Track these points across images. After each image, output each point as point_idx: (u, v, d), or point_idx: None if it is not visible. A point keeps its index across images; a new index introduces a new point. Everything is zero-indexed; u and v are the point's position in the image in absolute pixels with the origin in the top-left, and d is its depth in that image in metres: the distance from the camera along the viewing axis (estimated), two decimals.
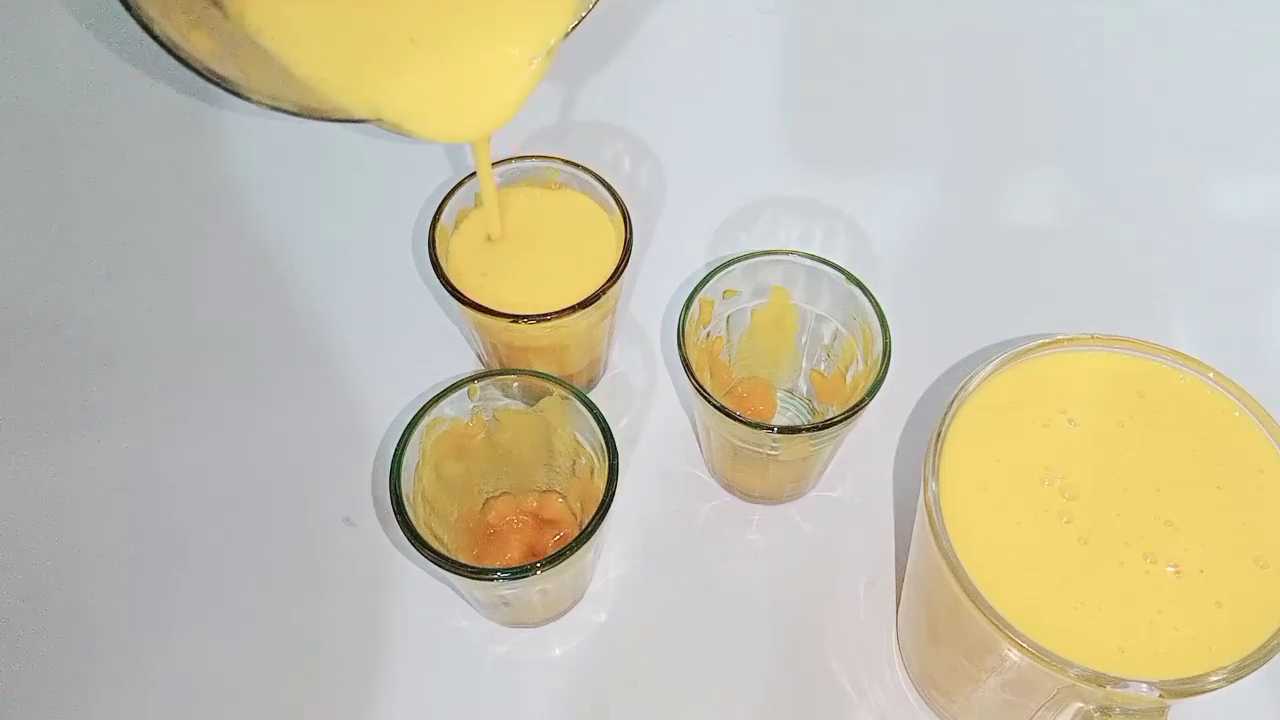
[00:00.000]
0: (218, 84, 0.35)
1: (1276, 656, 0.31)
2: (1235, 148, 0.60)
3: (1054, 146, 0.60)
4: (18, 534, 0.46)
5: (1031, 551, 0.33)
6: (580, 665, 0.43)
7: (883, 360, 0.41)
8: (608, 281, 0.44)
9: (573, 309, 0.43)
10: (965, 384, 0.36)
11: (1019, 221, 0.57)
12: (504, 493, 0.45)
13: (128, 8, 0.32)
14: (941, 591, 0.33)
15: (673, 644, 0.44)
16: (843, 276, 0.43)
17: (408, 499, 0.39)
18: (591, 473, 0.42)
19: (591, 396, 0.41)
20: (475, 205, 0.47)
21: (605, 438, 0.40)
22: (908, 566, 0.40)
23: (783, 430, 0.40)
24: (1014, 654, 0.31)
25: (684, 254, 0.54)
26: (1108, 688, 0.30)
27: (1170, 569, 0.32)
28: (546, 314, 0.43)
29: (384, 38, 0.39)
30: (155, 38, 0.33)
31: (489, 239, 0.46)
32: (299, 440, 0.49)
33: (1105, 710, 0.31)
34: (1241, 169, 0.59)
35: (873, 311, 0.42)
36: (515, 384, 0.42)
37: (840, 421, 0.40)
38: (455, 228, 0.47)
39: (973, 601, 0.32)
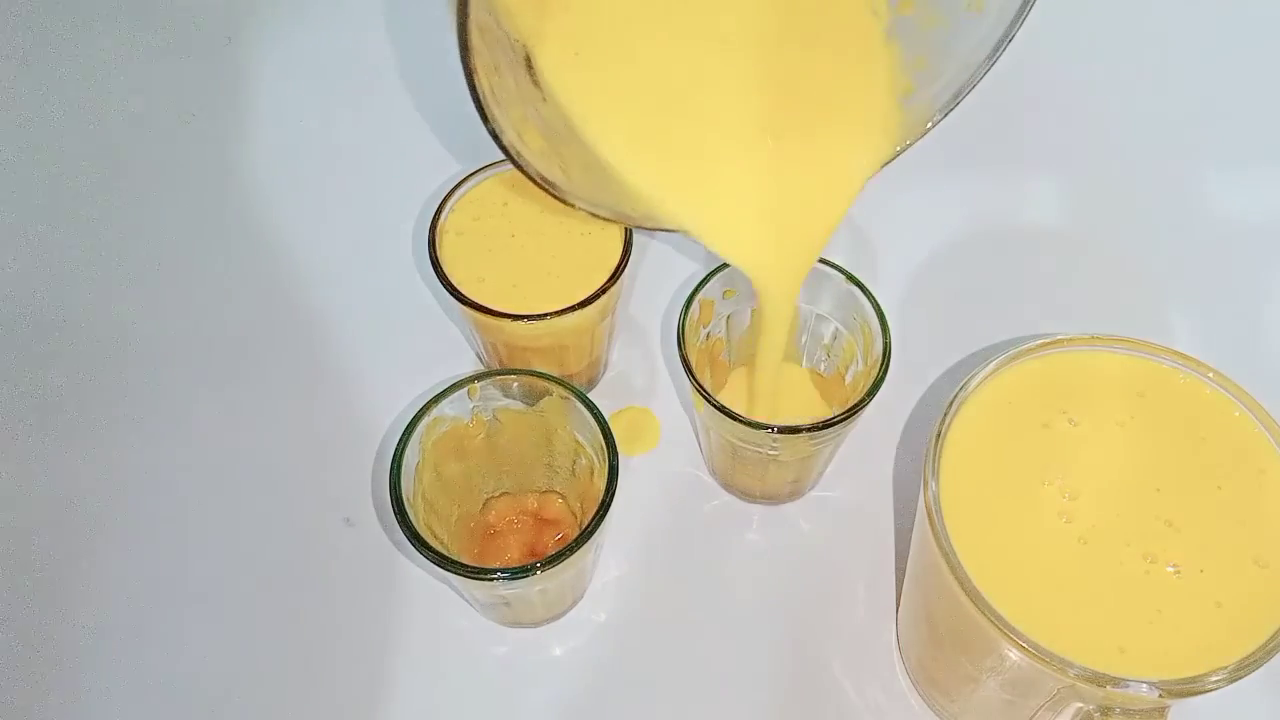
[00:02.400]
0: (547, 190, 0.36)
1: (1276, 656, 0.31)
2: (1236, 148, 0.60)
3: (1054, 146, 0.60)
4: (18, 534, 0.46)
5: (1031, 551, 0.33)
6: (580, 665, 0.43)
7: (883, 360, 0.41)
8: (608, 281, 0.44)
9: (573, 309, 0.43)
10: (965, 384, 0.36)
11: (1019, 221, 0.57)
12: (504, 493, 0.45)
13: (483, 116, 0.33)
14: (941, 591, 0.33)
15: (673, 644, 0.44)
16: (843, 276, 0.43)
17: (408, 499, 0.39)
18: (591, 473, 0.42)
19: (591, 396, 0.41)
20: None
21: (605, 438, 0.40)
22: (908, 566, 0.40)
23: (783, 430, 0.40)
24: (1014, 654, 0.31)
25: (684, 254, 0.54)
26: (1108, 688, 0.30)
27: (1170, 569, 0.32)
28: (546, 314, 0.43)
29: (702, 136, 0.38)
30: (502, 147, 0.34)
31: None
32: (299, 440, 0.49)
33: (1105, 710, 0.31)
34: (1242, 169, 0.59)
35: (873, 311, 0.42)
36: (515, 384, 0.42)
37: (840, 421, 0.40)
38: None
39: (973, 601, 0.32)
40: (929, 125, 0.39)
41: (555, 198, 0.37)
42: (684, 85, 0.37)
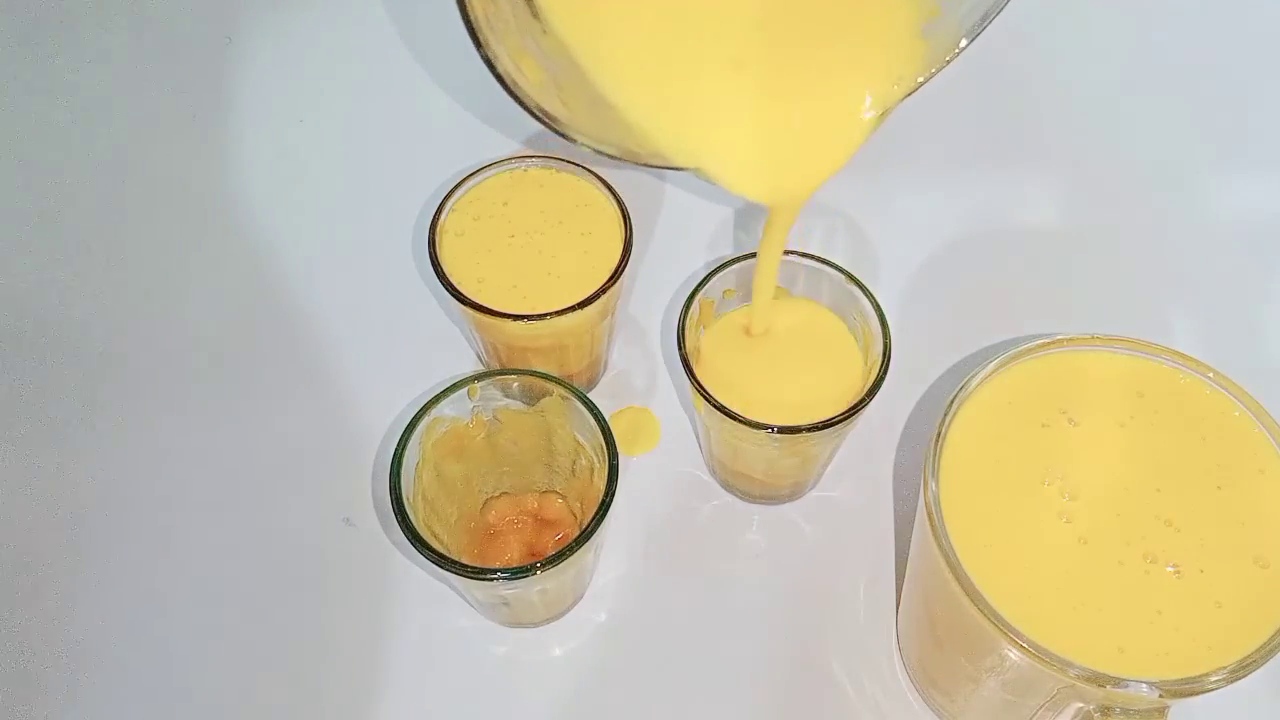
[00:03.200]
0: (548, 124, 0.34)
1: (1276, 656, 0.31)
2: (1235, 148, 0.60)
3: (1054, 146, 0.60)
4: (17, 534, 0.46)
5: (1031, 551, 0.33)
6: (580, 665, 0.43)
7: (883, 360, 0.41)
8: (608, 281, 0.44)
9: (573, 309, 0.43)
10: (965, 384, 0.36)
11: (1019, 221, 0.57)
12: (504, 493, 0.45)
13: (476, 43, 0.32)
14: (941, 591, 0.33)
15: (673, 644, 0.44)
16: (843, 276, 0.43)
17: (408, 499, 0.39)
18: (591, 473, 0.42)
19: (591, 396, 0.41)
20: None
21: (605, 438, 0.40)
22: (908, 566, 0.40)
23: (783, 430, 0.40)
24: (1014, 654, 0.31)
25: (684, 254, 0.54)
26: (1108, 688, 0.30)
27: (1170, 569, 0.32)
28: (546, 314, 0.43)
29: (702, 54, 0.36)
30: (496, 76, 0.32)
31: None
32: (299, 440, 0.49)
33: (1105, 710, 0.31)
34: (1241, 169, 0.59)
35: (873, 311, 0.42)
36: (515, 384, 0.42)
37: (840, 421, 0.40)
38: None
39: (973, 601, 0.32)
40: (955, 51, 0.37)
41: (557, 133, 0.35)
42: (690, 13, 0.36)
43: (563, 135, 0.35)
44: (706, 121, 0.37)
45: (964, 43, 0.37)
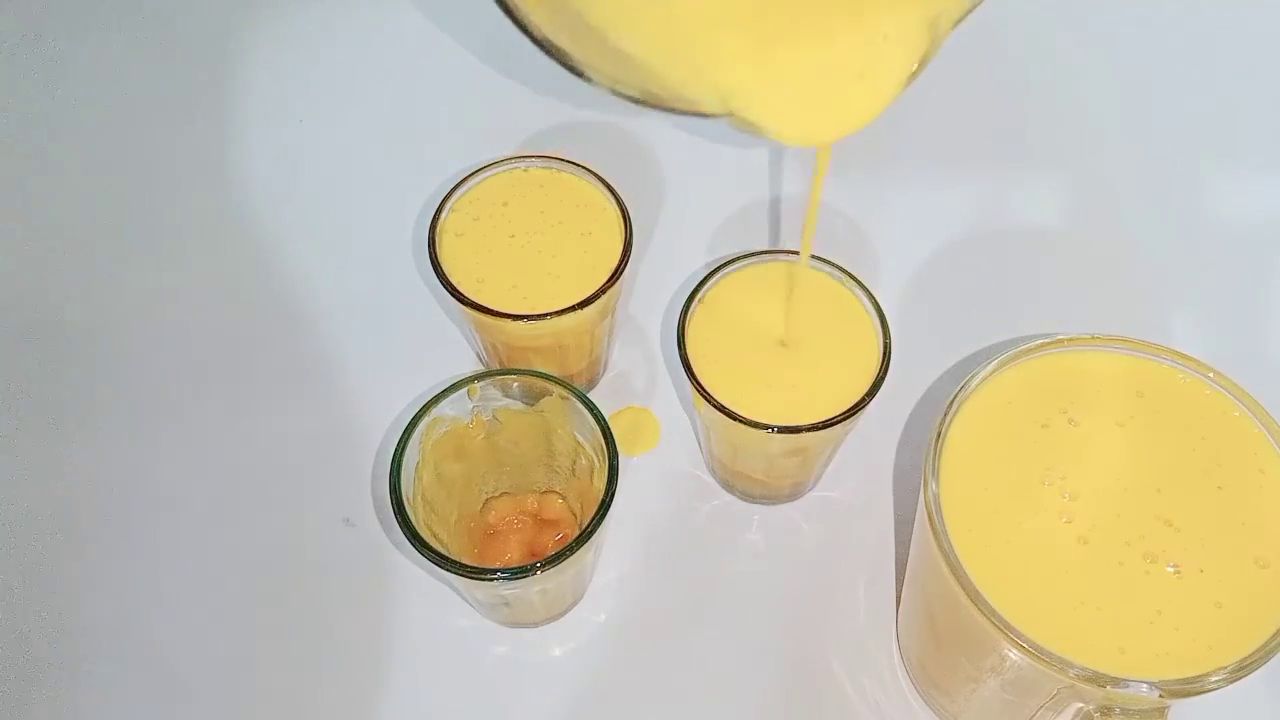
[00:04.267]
0: (559, 59, 0.31)
1: (1276, 656, 0.31)
2: (1235, 148, 0.60)
3: (1054, 146, 0.60)
4: (18, 534, 0.46)
5: (1031, 551, 0.33)
6: (580, 665, 0.43)
7: (883, 360, 0.41)
8: (608, 281, 0.44)
9: (573, 309, 0.43)
10: (965, 384, 0.36)
11: (1019, 221, 0.57)
12: (504, 493, 0.45)
13: None
14: (941, 591, 0.33)
15: (673, 644, 0.44)
16: (843, 276, 0.43)
17: (408, 499, 0.39)
18: (591, 473, 0.42)
19: (591, 396, 0.41)
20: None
21: (605, 438, 0.40)
22: (908, 566, 0.40)
23: (782, 430, 0.40)
24: (1014, 654, 0.31)
25: (684, 254, 0.54)
26: (1108, 688, 0.30)
27: (1170, 569, 0.32)
28: (546, 314, 0.43)
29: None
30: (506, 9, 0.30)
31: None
32: (299, 440, 0.49)
33: (1105, 710, 0.31)
34: (1242, 169, 0.59)
35: (873, 311, 0.42)
36: (515, 384, 0.42)
37: (840, 421, 0.40)
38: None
39: (973, 601, 0.32)
40: None
41: (570, 69, 0.32)
42: None
43: (576, 72, 0.32)
44: (738, 55, 0.33)
45: None
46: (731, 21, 0.33)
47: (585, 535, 0.38)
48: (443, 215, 0.46)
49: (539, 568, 0.37)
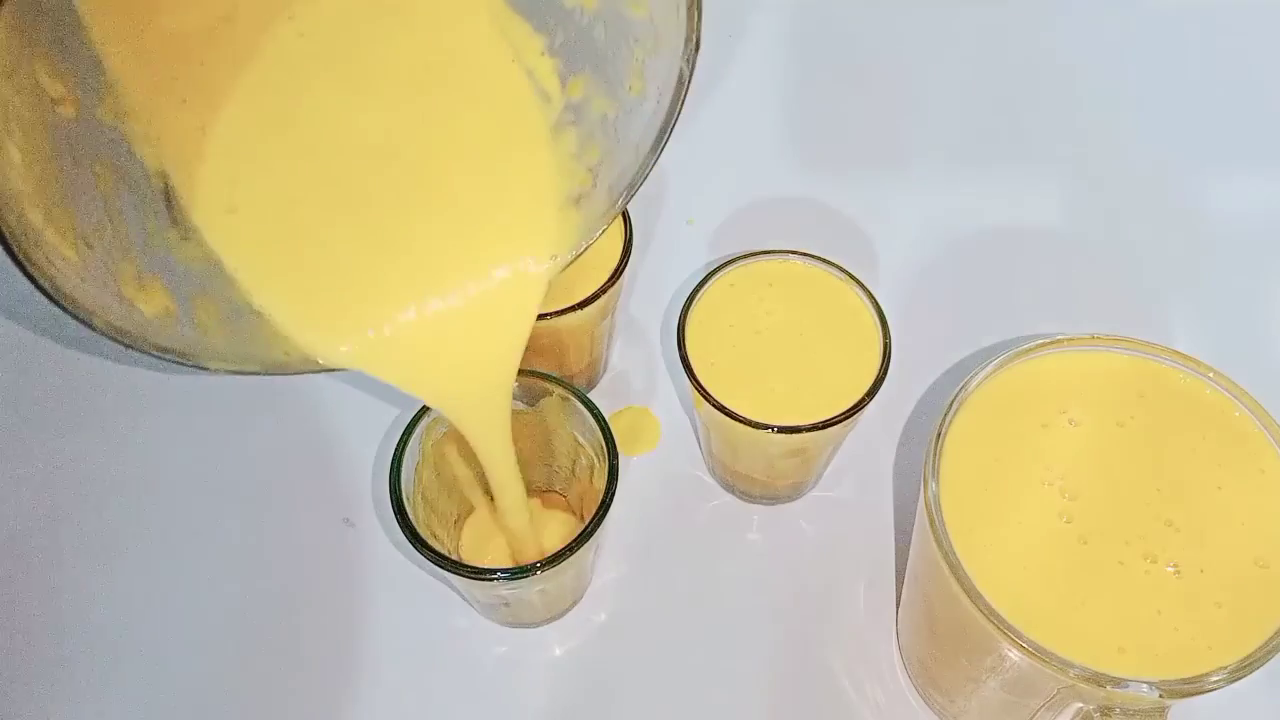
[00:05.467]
0: (175, 360, 0.31)
1: (1276, 656, 0.31)
2: (1235, 148, 0.60)
3: (1054, 147, 0.60)
4: (18, 534, 0.46)
5: (1031, 551, 0.33)
6: (580, 665, 0.43)
7: (883, 360, 0.41)
8: (608, 281, 0.44)
9: (573, 309, 0.43)
10: (965, 384, 0.36)
11: (1019, 221, 0.57)
12: None
13: (60, 306, 0.28)
14: (941, 591, 0.33)
15: (673, 644, 0.44)
16: (843, 276, 0.43)
17: (408, 499, 0.39)
18: (591, 473, 0.42)
19: (591, 396, 0.41)
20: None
21: (605, 438, 0.40)
22: (908, 566, 0.40)
23: (782, 430, 0.40)
24: (1014, 654, 0.31)
25: (684, 254, 0.54)
26: (1108, 688, 0.30)
27: (1170, 569, 0.32)
28: (546, 314, 0.43)
29: (356, 241, 0.34)
30: (98, 330, 0.29)
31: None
32: (299, 440, 0.49)
33: (1105, 710, 0.31)
34: (1242, 169, 0.59)
35: (873, 311, 0.42)
36: (515, 384, 0.42)
37: (840, 421, 0.40)
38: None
39: (973, 601, 0.32)
40: (610, 217, 0.36)
41: (193, 367, 0.31)
42: (339, 197, 0.34)
43: (195, 366, 0.32)
44: (368, 314, 0.34)
45: (616, 207, 0.36)
46: (348, 287, 0.34)
47: (585, 535, 0.38)
48: None
49: (539, 568, 0.37)
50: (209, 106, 0.33)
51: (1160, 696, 0.30)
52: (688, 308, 0.43)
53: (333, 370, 0.34)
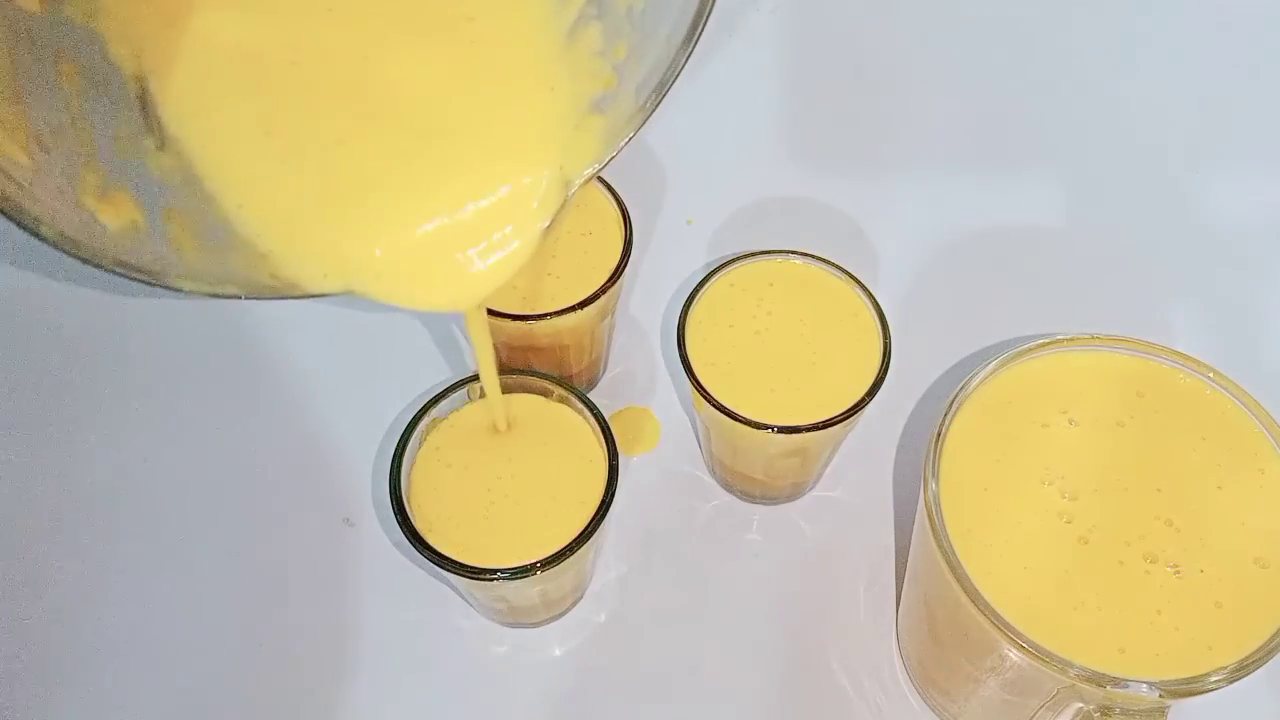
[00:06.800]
0: (140, 279, 0.29)
1: (1276, 656, 0.31)
2: (1235, 148, 0.60)
3: (1054, 146, 0.60)
4: (17, 534, 0.46)
5: (1031, 551, 0.33)
6: (580, 665, 0.43)
7: (883, 360, 0.41)
8: (608, 281, 0.44)
9: (573, 309, 0.43)
10: (965, 384, 0.36)
11: (1019, 221, 0.57)
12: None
13: (10, 217, 0.26)
14: (941, 591, 0.33)
15: (673, 644, 0.44)
16: (843, 276, 0.43)
17: (408, 499, 0.39)
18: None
19: (591, 396, 0.41)
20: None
21: (605, 438, 0.40)
22: (908, 566, 0.40)
23: (782, 430, 0.40)
24: (1014, 654, 0.31)
25: (684, 254, 0.54)
26: (1108, 688, 0.30)
27: (1170, 569, 0.32)
28: (546, 314, 0.43)
29: (336, 175, 0.32)
30: (46, 239, 0.27)
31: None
32: (299, 440, 0.49)
33: (1105, 710, 0.31)
34: (1241, 168, 0.59)
35: (873, 311, 0.42)
36: (514, 377, 0.42)
37: (840, 421, 0.40)
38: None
39: (973, 601, 0.32)
40: (635, 124, 0.33)
41: (162, 286, 0.29)
42: (327, 109, 0.32)
43: (163, 286, 0.29)
44: (365, 230, 0.32)
45: (646, 110, 0.33)
46: (341, 203, 0.32)
47: (585, 535, 0.38)
48: None
49: (539, 568, 0.37)
50: (198, 7, 0.30)
51: (1160, 696, 0.30)
52: (688, 308, 0.43)
53: (324, 295, 0.32)
